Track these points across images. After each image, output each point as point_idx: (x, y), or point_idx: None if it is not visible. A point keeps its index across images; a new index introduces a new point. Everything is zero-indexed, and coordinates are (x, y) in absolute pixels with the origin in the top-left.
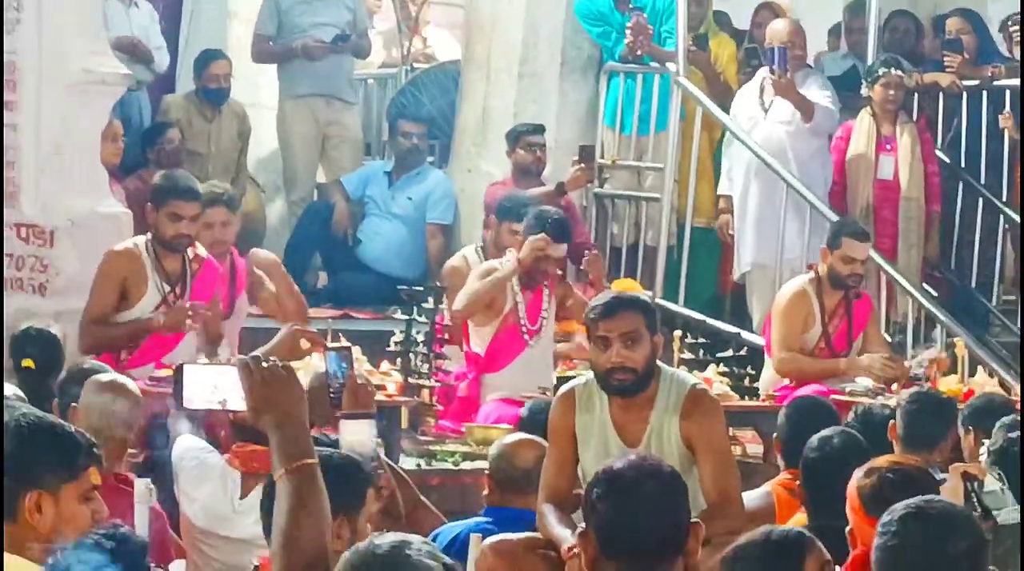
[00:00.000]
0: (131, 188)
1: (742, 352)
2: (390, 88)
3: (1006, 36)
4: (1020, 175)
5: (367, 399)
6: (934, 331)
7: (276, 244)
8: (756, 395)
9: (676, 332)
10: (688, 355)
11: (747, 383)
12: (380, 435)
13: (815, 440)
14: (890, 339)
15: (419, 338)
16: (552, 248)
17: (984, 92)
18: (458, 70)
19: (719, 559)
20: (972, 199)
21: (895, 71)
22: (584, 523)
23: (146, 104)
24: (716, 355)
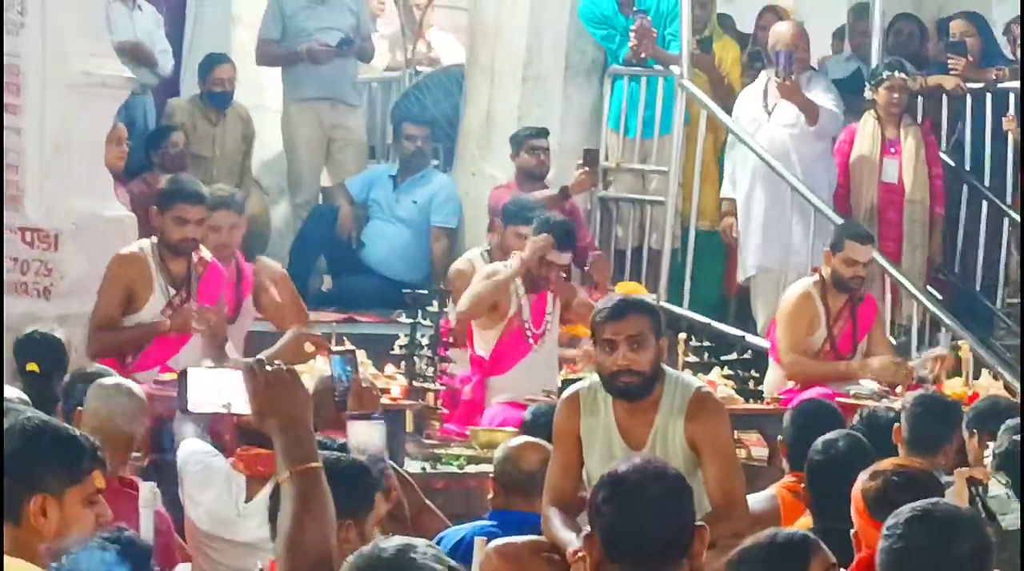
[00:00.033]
0: (135, 191)
1: (747, 355)
2: (394, 91)
3: (1010, 39)
4: (1020, 177)
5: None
6: (938, 334)
7: (280, 247)
8: (761, 398)
9: (681, 335)
10: (693, 358)
11: (752, 386)
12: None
13: (819, 443)
14: (894, 341)
15: (423, 341)
16: (557, 255)
17: (988, 95)
18: (462, 73)
19: (724, 562)
20: (976, 202)
21: (899, 74)
22: (589, 526)
23: (151, 108)
24: (721, 358)
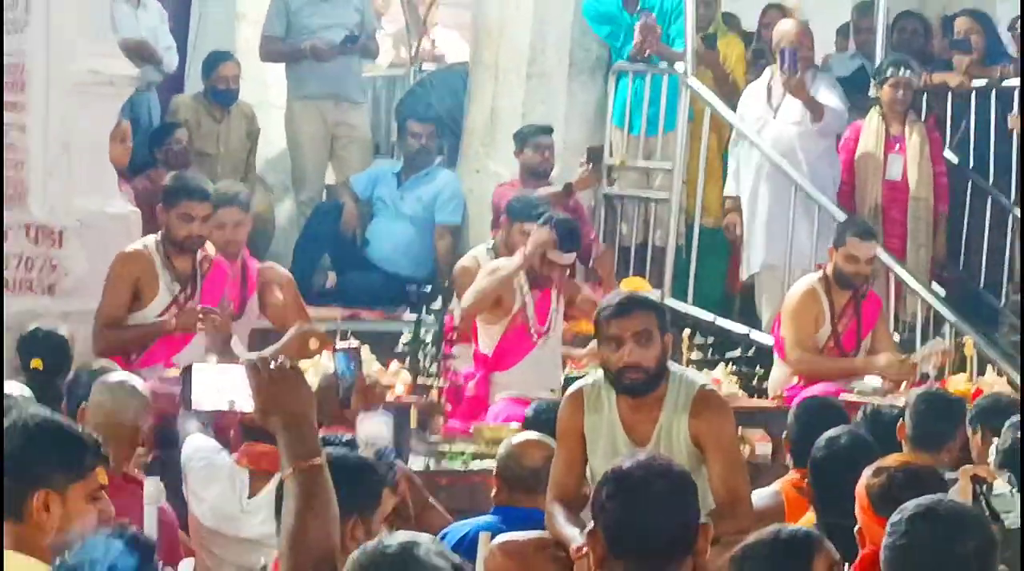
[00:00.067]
0: (139, 188)
1: (751, 352)
2: (399, 89)
3: (1015, 36)
4: (1020, 175)
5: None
6: (942, 331)
7: (285, 244)
8: (765, 395)
9: (685, 332)
10: (697, 355)
11: (756, 383)
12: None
13: (823, 439)
14: (898, 338)
15: (427, 338)
16: (559, 255)
17: (993, 92)
18: (466, 71)
19: (728, 558)
20: (981, 199)
21: (904, 71)
22: (593, 522)
23: (155, 104)
24: (725, 355)
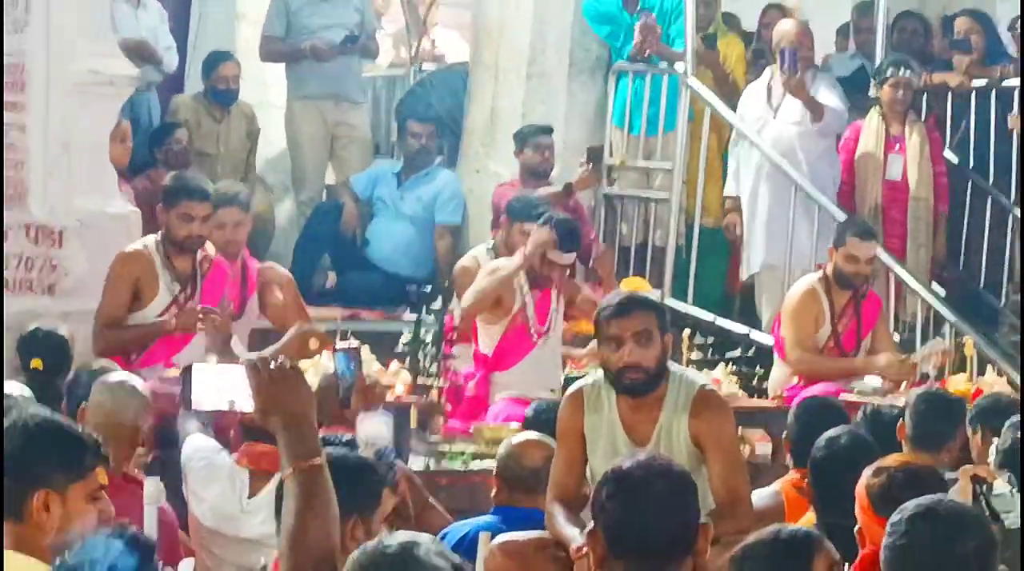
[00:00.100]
0: (139, 188)
1: (751, 352)
2: (399, 89)
3: (1015, 36)
4: (1020, 175)
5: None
6: (942, 331)
7: (285, 244)
8: (765, 395)
9: (685, 332)
10: (697, 355)
11: (756, 383)
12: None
13: (823, 439)
14: (898, 338)
15: (427, 338)
16: (559, 256)
17: (992, 92)
18: (466, 71)
19: (728, 558)
20: (981, 199)
21: (904, 71)
22: (593, 522)
23: (155, 104)
24: (725, 355)
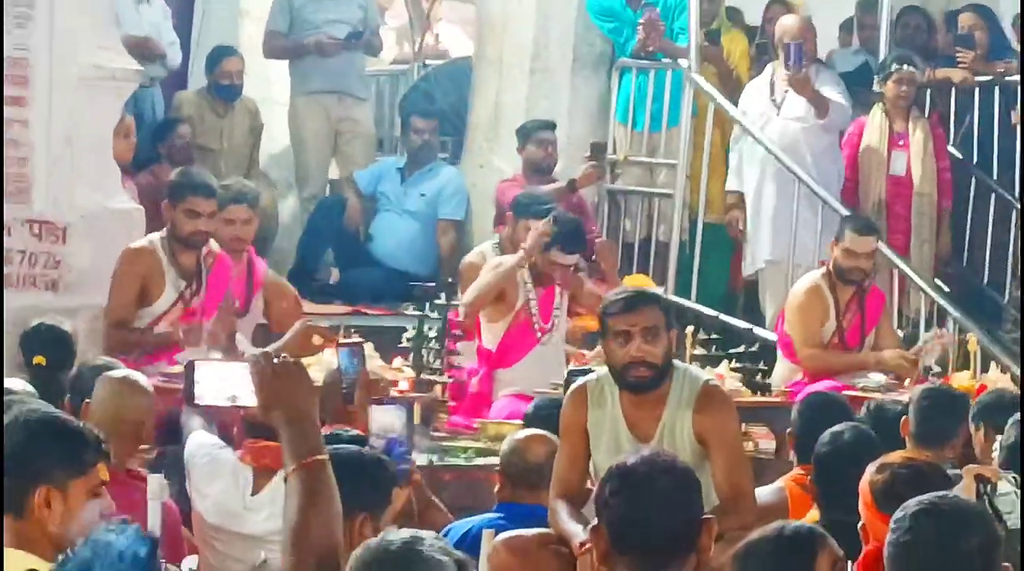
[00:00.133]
0: (143, 183)
1: (755, 348)
2: (402, 84)
3: (1017, 32)
4: (1020, 170)
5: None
6: (946, 326)
7: (288, 240)
8: (769, 391)
9: (689, 328)
10: (700, 351)
11: (760, 379)
12: None
13: (827, 435)
14: (902, 334)
15: (431, 334)
16: (562, 256)
17: (996, 88)
18: (470, 66)
19: (731, 554)
20: (984, 195)
21: (907, 67)
22: (596, 518)
23: (159, 100)
24: (729, 351)
